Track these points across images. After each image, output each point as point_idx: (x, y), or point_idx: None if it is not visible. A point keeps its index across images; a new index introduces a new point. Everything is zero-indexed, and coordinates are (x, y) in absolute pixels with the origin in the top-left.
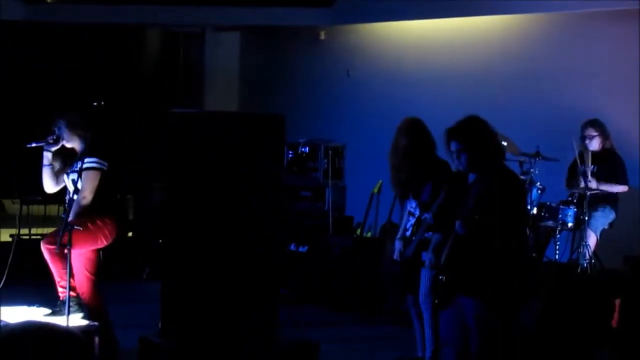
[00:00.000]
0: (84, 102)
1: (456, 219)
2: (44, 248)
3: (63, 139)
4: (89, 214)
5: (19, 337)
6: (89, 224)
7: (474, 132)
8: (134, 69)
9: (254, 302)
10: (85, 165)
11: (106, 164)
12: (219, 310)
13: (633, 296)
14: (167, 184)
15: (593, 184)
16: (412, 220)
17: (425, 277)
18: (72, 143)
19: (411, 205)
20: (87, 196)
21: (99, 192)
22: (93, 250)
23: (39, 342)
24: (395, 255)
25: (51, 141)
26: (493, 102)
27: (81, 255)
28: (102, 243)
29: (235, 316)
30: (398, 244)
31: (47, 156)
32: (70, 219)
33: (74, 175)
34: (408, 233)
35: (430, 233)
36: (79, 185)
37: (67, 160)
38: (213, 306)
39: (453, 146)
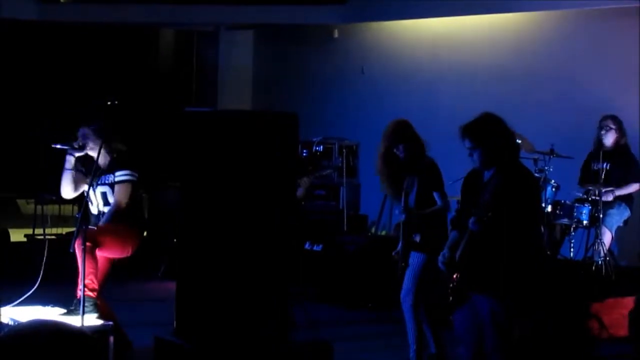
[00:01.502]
0: (98, 102)
1: (470, 216)
2: (76, 245)
3: (88, 147)
4: (125, 221)
5: (29, 336)
6: (125, 232)
7: (485, 130)
8: (148, 68)
9: (268, 301)
10: (118, 179)
11: (137, 175)
12: (233, 309)
13: None
14: (181, 183)
15: (606, 196)
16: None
17: (408, 277)
18: (94, 152)
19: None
20: (122, 205)
21: (131, 202)
22: (108, 261)
23: (48, 341)
24: (395, 252)
25: (76, 146)
26: (507, 100)
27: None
28: (127, 253)
29: (250, 315)
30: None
31: (70, 160)
32: (102, 223)
33: (105, 188)
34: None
35: (417, 235)
36: (110, 199)
37: (87, 168)
38: (228, 305)
39: (466, 144)
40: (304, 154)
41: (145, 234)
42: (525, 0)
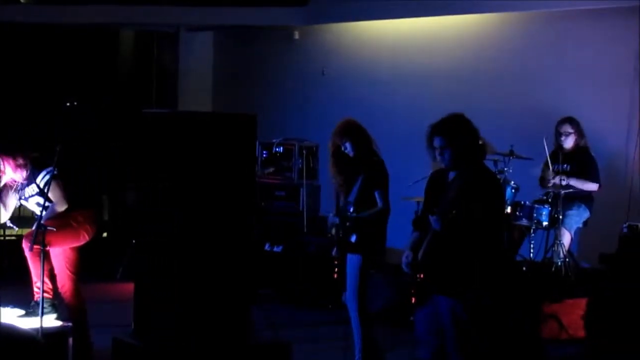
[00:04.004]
0: (56, 103)
1: (434, 215)
2: (24, 246)
3: (4, 173)
4: (70, 212)
5: None
6: (72, 222)
7: (458, 129)
8: (107, 69)
9: (227, 302)
10: (42, 184)
11: (52, 168)
12: (192, 310)
13: (604, 293)
14: (140, 184)
15: (558, 179)
16: None
17: (349, 279)
18: (13, 175)
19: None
20: (61, 205)
21: (71, 191)
22: (73, 250)
23: None
24: (333, 251)
25: None
26: (468, 101)
27: (62, 254)
28: (85, 239)
29: (208, 316)
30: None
31: None
32: (44, 220)
33: (35, 199)
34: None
35: (354, 236)
36: (47, 204)
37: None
38: (186, 306)
39: (437, 142)
40: (264, 155)
41: (105, 234)
42: (485, 1)
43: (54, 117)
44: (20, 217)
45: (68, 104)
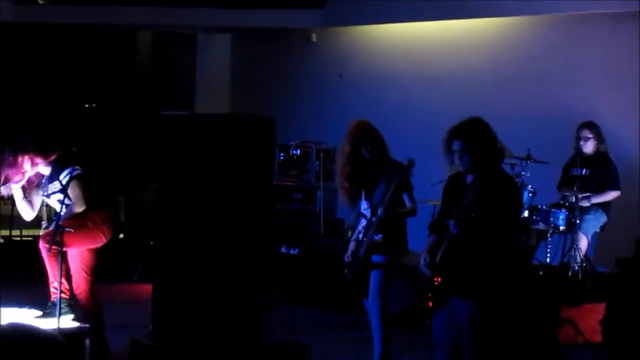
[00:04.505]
0: (75, 104)
1: (451, 218)
2: (42, 246)
3: (27, 171)
4: (87, 213)
5: (2, 340)
6: (89, 223)
7: (478, 133)
8: (125, 70)
9: (244, 303)
10: (64, 181)
11: (79, 168)
12: (209, 311)
13: (621, 297)
14: (158, 186)
15: (583, 200)
16: (364, 222)
17: (374, 279)
18: (36, 169)
19: (363, 207)
20: (79, 205)
21: (89, 192)
22: (90, 251)
23: (21, 346)
24: (346, 256)
25: (17, 181)
26: (485, 105)
27: (79, 256)
28: (102, 240)
29: (226, 318)
30: (352, 245)
31: (17, 192)
32: (62, 221)
33: (57, 195)
34: (360, 235)
35: (379, 235)
36: (67, 201)
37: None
38: (204, 308)
39: (456, 145)
40: (282, 157)
41: (122, 235)
42: (504, 4)
43: (70, 117)
44: (37, 217)
45: (87, 106)
